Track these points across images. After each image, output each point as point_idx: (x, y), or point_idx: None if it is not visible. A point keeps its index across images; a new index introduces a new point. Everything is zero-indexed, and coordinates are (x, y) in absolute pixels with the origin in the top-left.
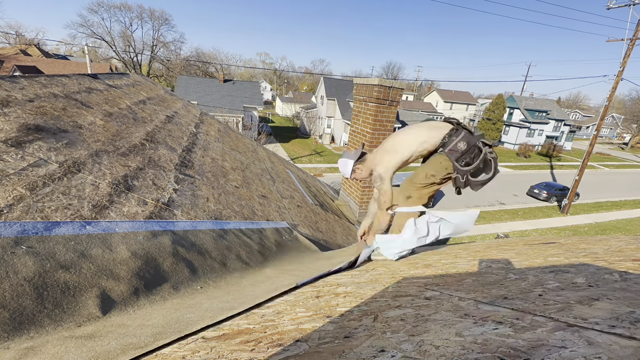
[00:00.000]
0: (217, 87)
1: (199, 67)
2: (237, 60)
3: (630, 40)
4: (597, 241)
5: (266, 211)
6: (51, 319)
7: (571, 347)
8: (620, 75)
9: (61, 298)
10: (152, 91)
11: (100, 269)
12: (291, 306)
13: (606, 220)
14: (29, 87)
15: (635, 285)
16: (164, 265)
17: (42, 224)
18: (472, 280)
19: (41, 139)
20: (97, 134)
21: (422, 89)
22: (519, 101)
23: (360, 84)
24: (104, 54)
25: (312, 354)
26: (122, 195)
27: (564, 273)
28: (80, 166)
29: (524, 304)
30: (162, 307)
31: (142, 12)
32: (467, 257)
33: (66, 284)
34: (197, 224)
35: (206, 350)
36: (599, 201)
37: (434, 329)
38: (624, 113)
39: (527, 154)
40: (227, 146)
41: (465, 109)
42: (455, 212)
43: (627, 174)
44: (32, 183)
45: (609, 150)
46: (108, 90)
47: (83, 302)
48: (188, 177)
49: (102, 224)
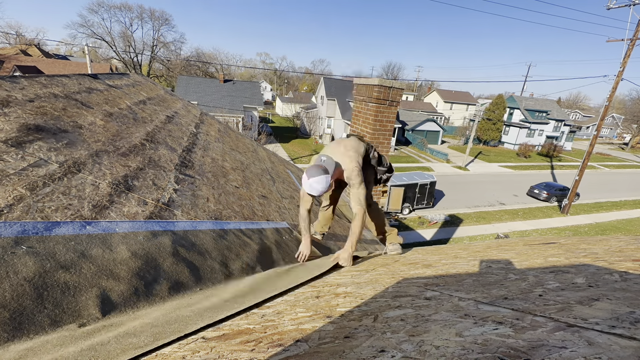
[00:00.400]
0: (217, 87)
1: (199, 67)
2: (237, 61)
3: (631, 41)
4: (597, 241)
5: (266, 211)
6: (51, 319)
7: (571, 347)
8: (620, 76)
9: (61, 298)
10: (152, 91)
11: (100, 269)
12: (291, 306)
13: (606, 220)
14: (29, 87)
15: (636, 286)
16: (164, 266)
17: (42, 224)
18: (472, 281)
19: (41, 139)
20: (97, 134)
21: (422, 89)
22: (519, 101)
23: (360, 84)
24: (104, 54)
25: (312, 354)
26: (122, 195)
27: (564, 273)
28: (80, 166)
29: (524, 304)
30: (161, 307)
31: (143, 13)
32: (467, 257)
33: (66, 284)
34: (197, 224)
35: (206, 350)
36: (599, 201)
37: (434, 329)
38: (624, 113)
39: (527, 154)
40: (227, 146)
41: (465, 109)
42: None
43: (627, 174)
44: (32, 183)
45: (609, 150)
46: (108, 90)
47: (83, 302)
48: (188, 177)
49: (102, 224)
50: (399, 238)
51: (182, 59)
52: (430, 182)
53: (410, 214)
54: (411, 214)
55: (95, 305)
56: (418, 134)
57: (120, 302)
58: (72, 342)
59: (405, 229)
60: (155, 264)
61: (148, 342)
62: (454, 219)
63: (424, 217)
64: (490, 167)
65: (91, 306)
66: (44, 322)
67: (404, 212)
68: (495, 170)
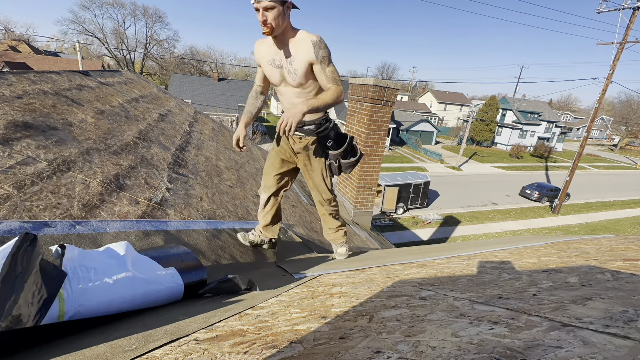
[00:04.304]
0: (211, 86)
1: (193, 66)
2: (231, 59)
3: (620, 44)
4: (588, 241)
5: None
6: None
7: (567, 347)
8: (610, 78)
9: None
10: (145, 89)
11: None
12: (285, 307)
13: (596, 220)
14: (17, 84)
15: (627, 285)
16: None
17: (30, 223)
18: (466, 280)
19: (29, 136)
20: (88, 131)
21: (417, 89)
22: (512, 102)
23: (355, 84)
24: (96, 51)
25: (307, 355)
26: (113, 194)
27: (557, 272)
28: (70, 164)
29: (519, 304)
30: (153, 308)
31: (135, 9)
32: (460, 257)
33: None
34: (190, 224)
35: (199, 352)
36: (589, 201)
37: (429, 330)
38: (614, 115)
39: (519, 155)
40: (221, 145)
41: (459, 110)
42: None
43: (615, 175)
44: (19, 182)
45: (599, 151)
46: (100, 87)
47: None
48: (181, 176)
49: (93, 224)
50: (346, 237)
51: (176, 57)
52: (424, 182)
53: (404, 214)
54: (405, 214)
55: None
56: (412, 134)
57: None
58: (60, 344)
59: (399, 228)
60: None
61: (139, 344)
62: (448, 219)
63: (418, 217)
64: (483, 167)
65: None
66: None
67: (398, 211)
68: (488, 171)
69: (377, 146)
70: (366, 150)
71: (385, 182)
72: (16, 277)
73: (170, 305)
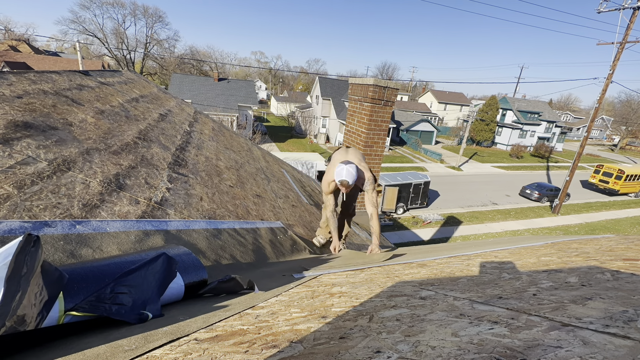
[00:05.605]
0: (211, 86)
1: (193, 66)
2: (231, 59)
3: (620, 44)
4: (588, 241)
5: (261, 211)
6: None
7: (567, 347)
8: (610, 78)
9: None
10: (145, 89)
11: None
12: (286, 306)
13: (595, 220)
14: (17, 83)
15: (627, 284)
16: None
17: (30, 223)
18: (466, 280)
19: (30, 136)
20: (88, 131)
21: (417, 89)
22: (512, 102)
23: (355, 84)
24: (96, 51)
25: (307, 355)
26: (113, 194)
27: (557, 272)
28: (70, 164)
29: (519, 304)
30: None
31: (136, 9)
32: (460, 257)
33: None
34: (190, 224)
35: (199, 352)
36: (589, 201)
37: (429, 329)
38: (614, 115)
39: (519, 155)
40: (221, 145)
41: (459, 110)
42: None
43: None
44: (19, 181)
45: (599, 151)
46: (100, 87)
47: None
48: (181, 176)
49: (93, 224)
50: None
51: (176, 57)
52: (424, 182)
53: (404, 214)
54: (405, 214)
55: None
56: (412, 134)
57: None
58: (61, 344)
59: (399, 228)
60: None
61: (139, 344)
62: (448, 218)
63: (418, 217)
64: (483, 167)
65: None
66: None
67: (398, 211)
68: (488, 171)
69: (377, 146)
70: (366, 150)
71: (385, 182)
72: (21, 277)
73: (170, 305)
